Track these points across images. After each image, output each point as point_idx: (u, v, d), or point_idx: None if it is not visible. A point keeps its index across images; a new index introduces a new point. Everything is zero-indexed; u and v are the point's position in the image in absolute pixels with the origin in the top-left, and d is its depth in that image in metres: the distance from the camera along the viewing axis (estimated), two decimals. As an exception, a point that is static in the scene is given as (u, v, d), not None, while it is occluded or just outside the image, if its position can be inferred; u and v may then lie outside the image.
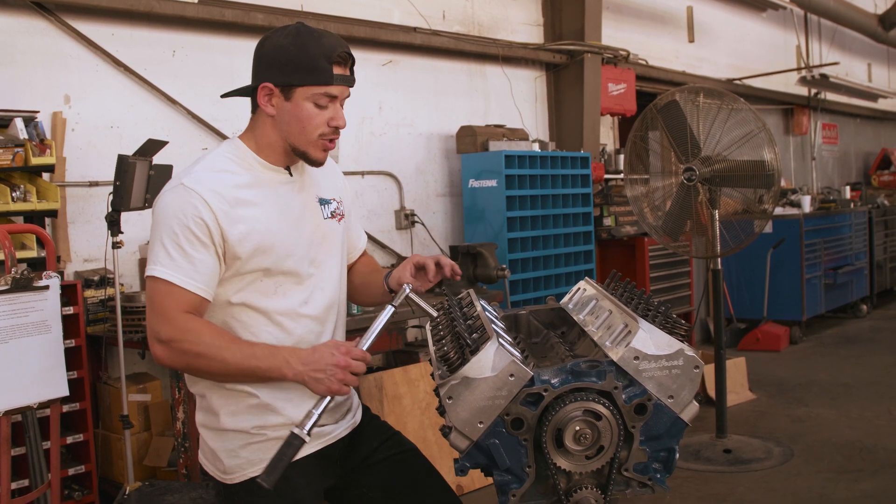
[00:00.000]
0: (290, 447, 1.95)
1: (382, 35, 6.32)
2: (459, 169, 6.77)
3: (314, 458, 2.22)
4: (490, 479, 1.94)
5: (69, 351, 3.91)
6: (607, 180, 7.89)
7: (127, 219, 4.48)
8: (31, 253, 4.32)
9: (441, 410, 1.92)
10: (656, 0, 9.36)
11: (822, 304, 9.53)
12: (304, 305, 2.23)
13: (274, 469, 1.92)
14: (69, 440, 4.35)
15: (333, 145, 2.23)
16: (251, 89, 2.19)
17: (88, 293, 4.65)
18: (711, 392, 5.76)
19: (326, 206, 2.34)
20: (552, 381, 1.87)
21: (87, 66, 4.92)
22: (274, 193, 2.20)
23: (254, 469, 2.18)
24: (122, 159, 4.20)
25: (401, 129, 6.66)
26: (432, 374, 2.06)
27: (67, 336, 3.96)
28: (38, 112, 4.59)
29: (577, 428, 1.86)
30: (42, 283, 3.50)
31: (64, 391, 3.61)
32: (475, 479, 4.69)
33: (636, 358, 1.86)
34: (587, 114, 7.68)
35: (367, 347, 2.10)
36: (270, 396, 2.16)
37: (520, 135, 6.95)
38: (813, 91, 12.44)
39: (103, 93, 4.98)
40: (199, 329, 2.05)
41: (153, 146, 4.30)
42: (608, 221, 7.86)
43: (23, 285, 3.42)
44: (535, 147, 6.95)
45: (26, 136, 4.40)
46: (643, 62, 8.72)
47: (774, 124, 11.85)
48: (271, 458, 1.96)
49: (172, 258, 2.06)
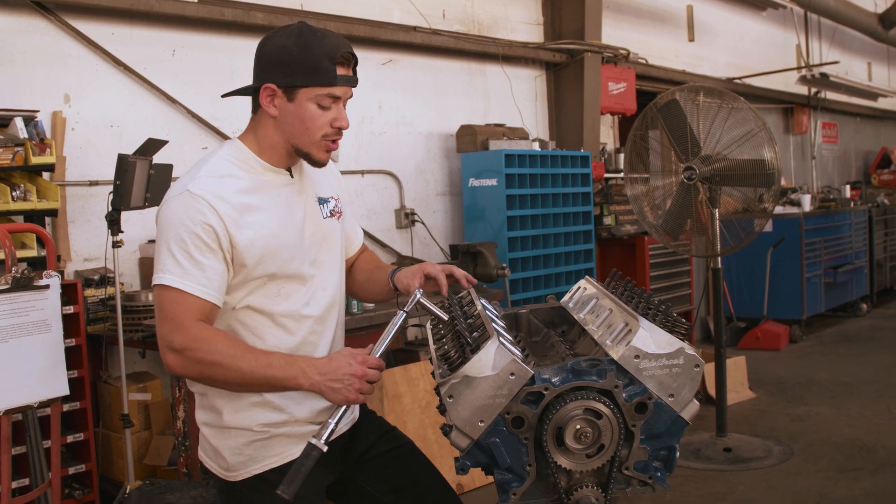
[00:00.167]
0: (308, 458, 1.93)
1: (382, 34, 6.32)
2: (459, 168, 6.77)
3: None
4: (490, 478, 1.94)
5: (69, 350, 3.91)
6: (607, 179, 7.89)
7: (127, 218, 4.48)
8: (32, 252, 4.32)
9: (442, 409, 1.92)
10: (656, -1, 9.37)
11: (822, 303, 9.53)
12: (307, 306, 2.22)
13: (293, 479, 1.90)
14: (69, 439, 4.35)
15: (336, 146, 2.22)
16: (252, 89, 2.17)
17: (88, 292, 4.66)
18: (711, 391, 5.76)
19: (325, 205, 2.34)
20: (553, 380, 1.87)
21: (86, 65, 4.92)
22: (277, 197, 2.19)
23: (257, 466, 2.18)
24: (122, 158, 4.21)
25: (401, 129, 6.66)
26: (433, 373, 2.06)
27: (68, 335, 3.96)
28: (38, 111, 4.59)
29: (578, 426, 1.86)
30: (42, 282, 3.50)
31: (64, 390, 3.61)
32: (475, 477, 4.69)
33: (637, 357, 1.86)
34: (587, 113, 7.68)
35: (380, 355, 2.08)
36: (274, 394, 2.16)
37: (520, 134, 6.95)
38: (813, 90, 12.44)
39: (103, 92, 4.98)
40: (213, 337, 2.02)
41: (153, 145, 4.30)
42: (608, 220, 7.86)
43: (23, 284, 3.42)
44: (535, 146, 6.95)
45: (26, 136, 4.40)
46: (643, 61, 8.71)
47: (774, 123, 11.85)
48: (290, 469, 1.93)
49: (181, 265, 2.03)
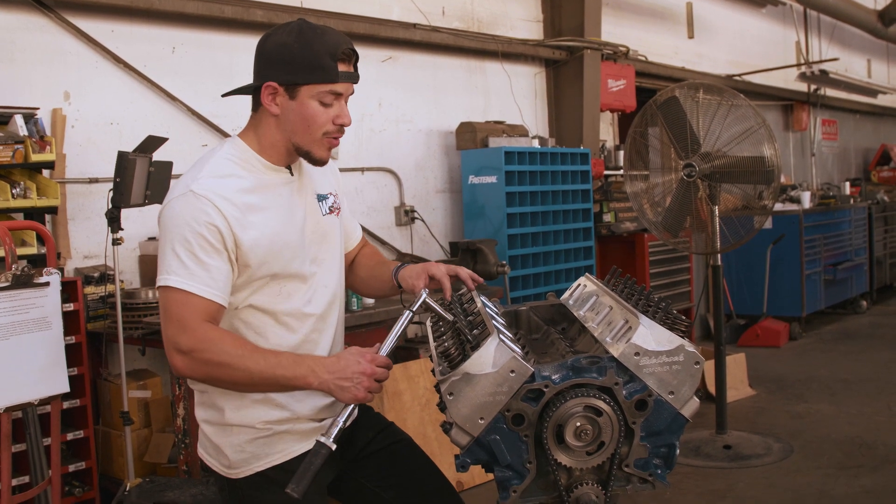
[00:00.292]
0: (316, 456, 1.93)
1: (382, 31, 6.32)
2: (459, 165, 6.77)
3: None
4: (490, 476, 1.94)
5: (69, 348, 3.91)
6: (607, 176, 7.89)
7: (127, 215, 4.47)
8: (32, 250, 4.32)
9: (442, 406, 1.92)
10: (656, -4, 9.37)
11: (822, 300, 9.54)
12: (308, 304, 2.22)
13: (302, 478, 1.89)
14: (69, 437, 4.35)
15: (338, 143, 2.21)
16: (253, 88, 2.17)
17: (88, 290, 4.65)
18: (711, 388, 5.76)
19: (324, 201, 2.34)
20: (553, 378, 1.87)
21: (86, 62, 4.92)
22: (278, 196, 2.18)
23: (260, 463, 2.18)
24: (122, 156, 4.20)
25: (400, 126, 6.65)
26: (433, 370, 2.06)
27: (67, 333, 3.96)
28: (37, 109, 4.59)
29: (578, 424, 1.86)
30: (42, 279, 3.51)
31: (65, 387, 3.62)
32: (475, 475, 4.69)
33: (637, 354, 1.86)
34: (587, 110, 7.67)
35: (387, 354, 2.08)
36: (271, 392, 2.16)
37: (519, 131, 6.94)
38: (812, 87, 12.44)
39: (103, 89, 4.98)
40: (221, 338, 2.01)
41: (153, 143, 4.30)
42: (608, 218, 7.86)
43: (23, 282, 3.42)
44: (535, 143, 6.95)
45: (26, 133, 4.40)
46: (643, 58, 8.71)
47: (774, 120, 11.84)
48: (299, 467, 1.92)
49: (186, 266, 2.02)
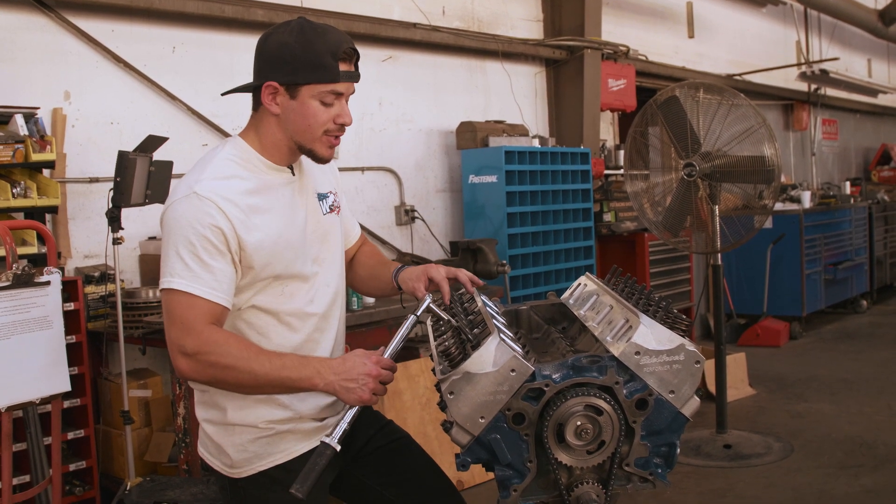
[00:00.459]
0: (321, 456, 1.93)
1: (382, 31, 6.32)
2: (459, 165, 6.77)
3: None
4: (491, 475, 1.94)
5: (70, 347, 3.91)
6: (607, 176, 7.89)
7: (127, 215, 4.48)
8: (32, 249, 4.32)
9: (442, 406, 1.92)
10: (656, -5, 9.37)
11: (822, 300, 9.54)
12: (310, 304, 2.22)
13: (306, 479, 1.89)
14: (70, 436, 4.35)
15: (339, 142, 2.21)
16: (253, 87, 2.16)
17: (89, 289, 4.65)
18: (711, 387, 5.76)
19: (325, 200, 2.34)
20: (553, 377, 1.87)
21: (87, 62, 4.92)
22: (280, 197, 2.18)
23: (262, 463, 2.19)
24: (122, 155, 4.21)
25: (401, 125, 6.65)
26: (433, 370, 2.06)
27: (68, 332, 3.96)
28: (38, 108, 4.59)
29: (579, 423, 1.86)
30: (43, 279, 3.51)
31: (66, 386, 3.62)
32: (476, 474, 4.69)
33: (637, 353, 1.86)
34: (587, 109, 7.67)
35: (392, 357, 2.08)
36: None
37: (520, 130, 6.94)
38: (813, 86, 12.44)
39: (103, 89, 4.98)
40: (226, 341, 2.01)
41: (153, 142, 4.30)
42: (608, 217, 7.86)
43: (24, 281, 3.42)
44: (535, 143, 6.95)
45: (27, 133, 4.40)
46: (643, 58, 8.71)
47: (774, 120, 11.85)
48: (304, 468, 1.92)
49: (191, 269, 2.01)
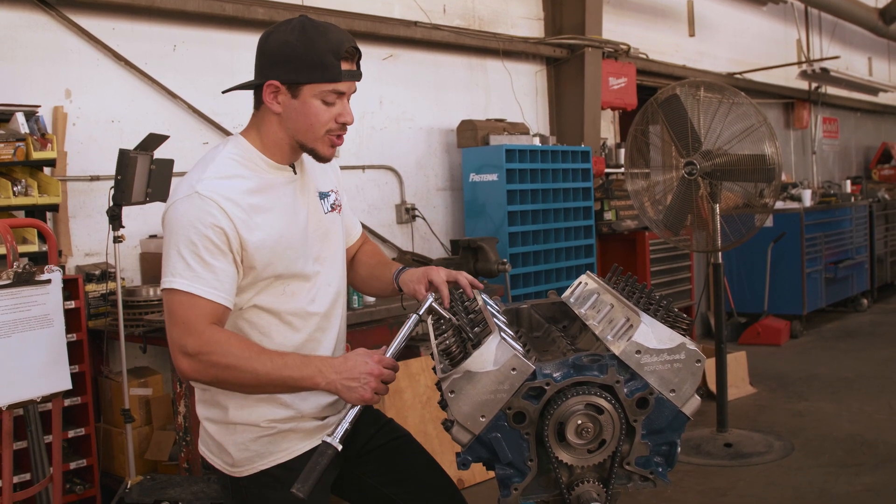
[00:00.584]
0: (322, 456, 1.93)
1: (383, 29, 6.32)
2: (460, 163, 6.77)
3: None
4: (491, 473, 1.94)
5: (70, 345, 3.91)
6: (608, 174, 7.89)
7: (128, 213, 4.48)
8: (33, 247, 4.32)
9: (443, 404, 1.92)
10: (657, -6, 9.36)
11: (823, 298, 9.54)
12: (312, 303, 2.22)
13: (308, 478, 1.89)
14: (71, 434, 4.36)
15: (342, 141, 2.20)
16: (255, 85, 2.15)
17: (90, 287, 4.66)
18: (712, 386, 5.76)
19: (326, 199, 2.33)
20: (554, 375, 1.87)
21: (88, 60, 4.92)
22: (282, 196, 2.18)
23: (264, 462, 2.19)
24: (123, 154, 4.20)
25: (401, 124, 6.65)
26: (434, 368, 2.06)
27: (69, 330, 3.96)
28: (39, 106, 4.59)
29: (579, 422, 1.86)
30: (44, 277, 3.51)
31: (66, 385, 3.62)
32: (476, 473, 4.69)
33: (638, 352, 1.86)
34: (588, 108, 7.67)
35: (395, 356, 2.08)
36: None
37: (520, 129, 6.94)
38: (813, 85, 12.43)
39: (104, 87, 4.98)
40: (227, 340, 2.01)
41: (154, 140, 4.30)
42: (609, 216, 7.86)
43: (25, 279, 3.42)
44: (536, 141, 6.95)
45: (27, 131, 4.40)
46: (644, 56, 8.70)
47: (775, 118, 11.84)
48: (305, 467, 1.92)
49: (192, 269, 2.01)
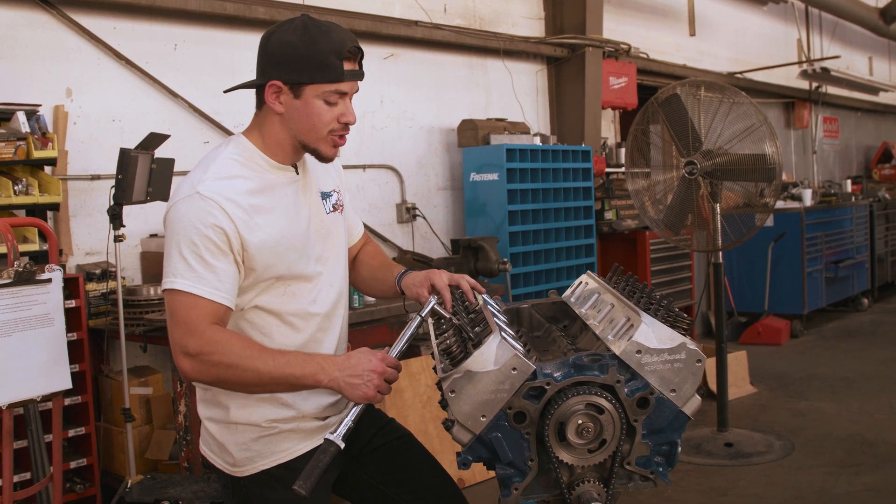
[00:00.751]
0: (325, 454, 1.92)
1: (384, 29, 6.32)
2: (460, 162, 6.77)
3: None
4: (492, 473, 1.94)
5: (71, 344, 3.92)
6: (608, 174, 7.89)
7: (129, 212, 4.48)
8: (34, 246, 4.32)
9: (443, 404, 1.92)
10: (658, -7, 9.36)
11: (824, 298, 9.54)
12: (314, 304, 2.22)
13: (310, 476, 1.89)
14: (71, 433, 4.36)
15: (344, 141, 2.19)
16: (257, 85, 2.15)
17: (90, 286, 4.66)
18: (712, 386, 5.77)
19: (328, 199, 2.33)
20: (554, 375, 1.87)
21: (88, 59, 4.92)
22: (283, 197, 2.17)
23: (265, 461, 2.19)
24: (123, 153, 4.21)
25: (402, 123, 6.65)
26: (434, 368, 2.06)
27: (69, 329, 3.96)
28: (39, 105, 4.59)
29: (580, 421, 1.86)
30: (44, 276, 3.51)
31: (67, 384, 3.62)
32: (476, 472, 4.69)
33: (638, 352, 1.86)
34: (588, 107, 7.67)
35: (398, 356, 2.08)
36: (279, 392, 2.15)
37: (521, 128, 6.94)
38: (814, 84, 12.43)
39: (105, 86, 4.98)
40: (229, 340, 2.00)
41: (155, 140, 4.30)
42: (609, 215, 7.86)
43: (25, 278, 3.42)
44: (537, 141, 6.95)
45: (28, 130, 4.40)
46: (644, 56, 8.70)
47: (775, 118, 11.84)
48: (307, 465, 1.92)
49: (193, 269, 2.00)
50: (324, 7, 5.96)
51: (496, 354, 1.85)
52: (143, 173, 4.25)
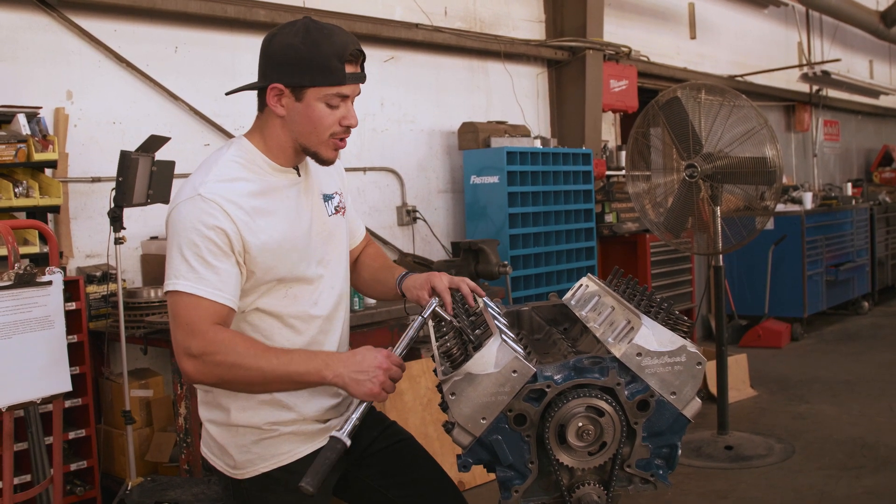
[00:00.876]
0: (331, 451, 1.91)
1: (384, 31, 6.32)
2: (461, 165, 6.77)
3: None
4: (492, 476, 1.94)
5: (71, 346, 3.91)
6: (609, 177, 7.89)
7: (129, 214, 4.48)
8: (34, 249, 4.32)
9: (444, 406, 1.92)
10: (658, -4, 9.37)
11: (824, 301, 9.53)
12: (315, 306, 2.22)
13: (316, 473, 1.88)
14: (71, 436, 4.36)
15: (345, 144, 2.19)
16: (258, 87, 2.15)
17: (90, 289, 4.66)
18: (713, 388, 5.76)
19: (330, 201, 2.33)
20: (555, 378, 1.87)
21: (89, 61, 4.92)
22: (285, 199, 2.17)
23: (265, 464, 2.18)
24: (124, 155, 4.21)
25: (402, 126, 6.66)
26: (435, 370, 2.06)
27: (69, 332, 3.96)
28: (40, 108, 4.59)
29: (580, 424, 1.86)
30: (45, 278, 3.51)
31: (67, 386, 3.62)
32: (477, 475, 4.69)
33: (639, 354, 1.86)
34: (589, 110, 7.67)
35: (401, 356, 2.08)
36: (282, 392, 2.16)
37: (521, 131, 6.95)
38: (815, 88, 12.44)
39: (106, 89, 4.98)
40: (232, 339, 1.99)
41: (155, 142, 4.30)
42: (610, 218, 7.86)
43: (26, 281, 3.42)
44: (537, 143, 6.95)
45: (29, 132, 4.40)
46: (645, 59, 8.71)
47: (776, 121, 11.84)
48: (314, 462, 1.91)
49: (195, 270, 2.00)
50: (324, 9, 5.96)
51: (496, 357, 1.85)
52: (144, 176, 4.25)
